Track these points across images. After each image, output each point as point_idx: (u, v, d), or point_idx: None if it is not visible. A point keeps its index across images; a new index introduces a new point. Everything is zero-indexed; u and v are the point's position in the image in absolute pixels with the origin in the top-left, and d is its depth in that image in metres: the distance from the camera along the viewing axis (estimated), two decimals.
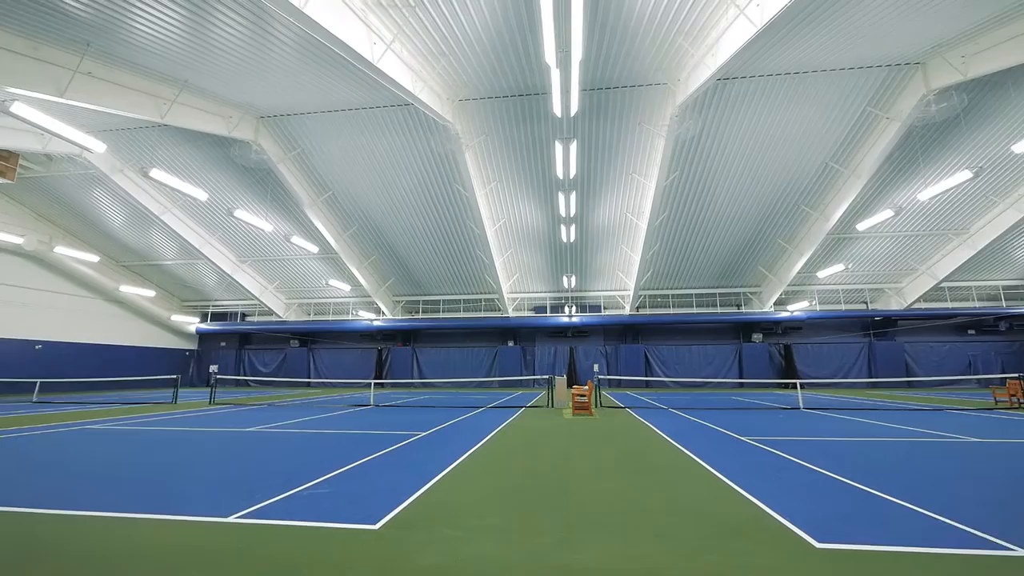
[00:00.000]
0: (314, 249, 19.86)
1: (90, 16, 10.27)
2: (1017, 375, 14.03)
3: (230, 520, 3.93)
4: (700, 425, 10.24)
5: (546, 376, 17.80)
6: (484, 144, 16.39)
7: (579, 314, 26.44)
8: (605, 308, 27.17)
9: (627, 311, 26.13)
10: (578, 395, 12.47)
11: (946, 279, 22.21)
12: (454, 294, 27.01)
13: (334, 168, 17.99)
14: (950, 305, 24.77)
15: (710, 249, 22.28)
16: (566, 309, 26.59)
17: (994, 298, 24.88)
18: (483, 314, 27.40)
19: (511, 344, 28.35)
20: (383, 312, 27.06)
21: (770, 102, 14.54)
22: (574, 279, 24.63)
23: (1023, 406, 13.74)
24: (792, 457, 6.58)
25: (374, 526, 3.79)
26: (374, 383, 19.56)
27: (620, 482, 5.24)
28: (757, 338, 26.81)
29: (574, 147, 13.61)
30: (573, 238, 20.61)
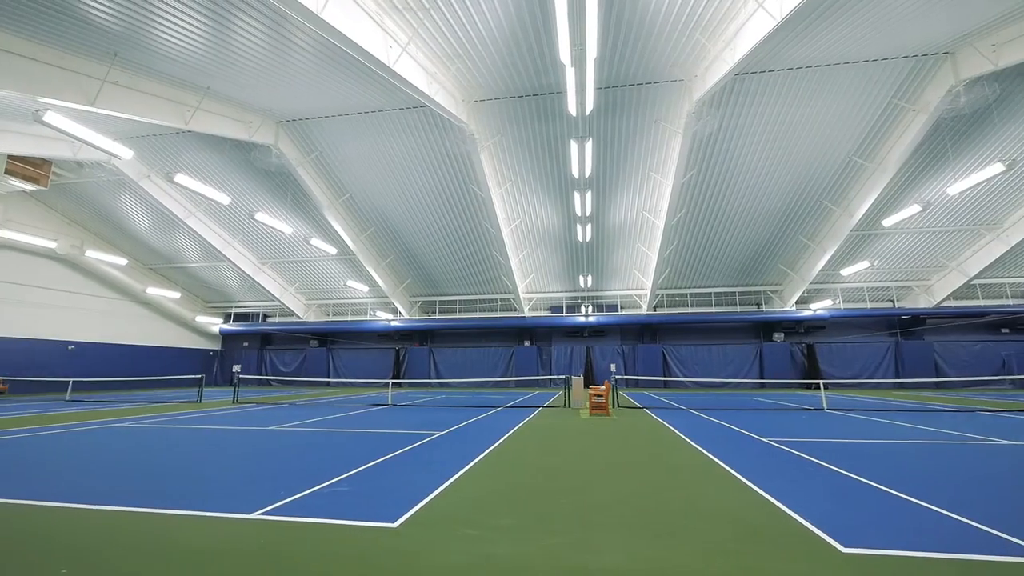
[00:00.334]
0: (332, 251, 20.17)
1: (118, 26, 10.60)
2: None
3: (253, 517, 4.02)
4: (720, 426, 10.08)
5: (563, 376, 17.74)
6: (499, 144, 16.42)
7: (595, 313, 26.28)
8: (622, 307, 26.95)
9: (644, 310, 25.86)
10: (595, 395, 12.40)
11: (978, 276, 21.40)
12: (470, 294, 27.12)
13: (352, 170, 18.24)
14: (982, 303, 23.86)
15: (729, 247, 21.92)
16: (582, 308, 26.46)
17: None
18: (499, 314, 27.45)
19: (527, 344, 28.33)
20: (400, 312, 27.31)
21: (791, 96, 14.24)
22: (590, 278, 24.49)
23: None
24: (815, 459, 6.43)
25: (393, 524, 3.83)
26: (392, 383, 19.77)
27: (638, 483, 5.19)
28: (778, 337, 26.27)
29: (589, 146, 13.54)
30: (589, 237, 20.51)
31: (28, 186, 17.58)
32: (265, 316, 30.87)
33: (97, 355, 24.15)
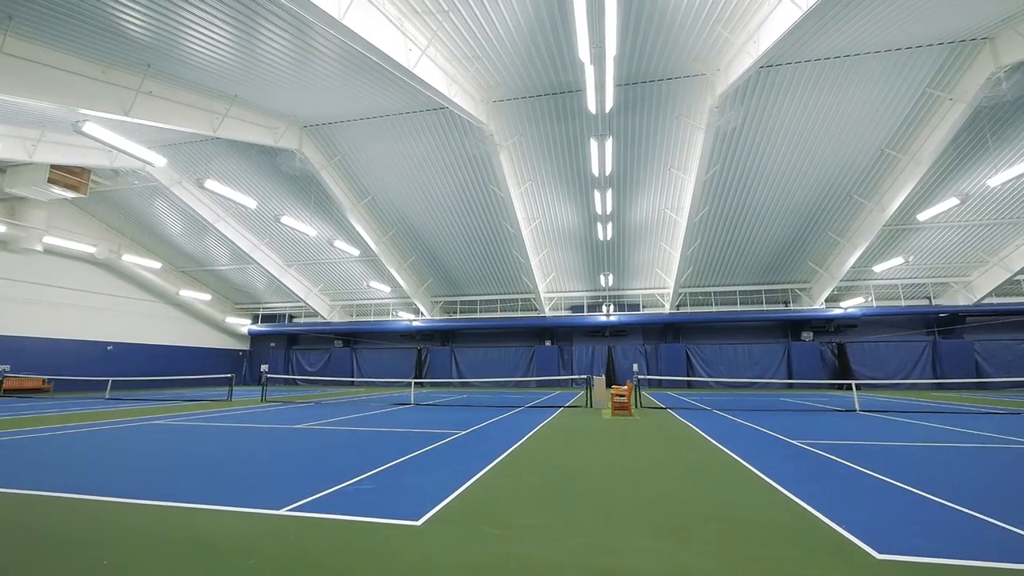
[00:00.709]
0: (355, 252, 20.52)
1: (150, 39, 11.01)
2: None
3: (282, 512, 4.12)
4: (746, 427, 9.86)
5: (584, 376, 17.64)
6: (518, 144, 16.42)
7: (617, 313, 26.03)
8: (644, 306, 26.63)
9: (667, 309, 25.49)
10: (617, 395, 12.29)
11: (1022, 271, 20.40)
12: (491, 294, 27.20)
13: (373, 173, 18.52)
14: None
15: (755, 244, 21.41)
16: (604, 308, 26.24)
17: None
18: (519, 314, 27.46)
19: (548, 344, 28.26)
20: (422, 312, 27.60)
21: (818, 88, 13.82)
22: (611, 277, 24.27)
23: None
24: (847, 462, 6.22)
25: (416, 522, 3.87)
26: (414, 382, 20.03)
27: (662, 484, 5.12)
28: (807, 336, 25.52)
29: (610, 144, 13.40)
30: (610, 236, 20.33)
31: (69, 194, 18.44)
32: (291, 317, 31.62)
33: (134, 355, 25.17)
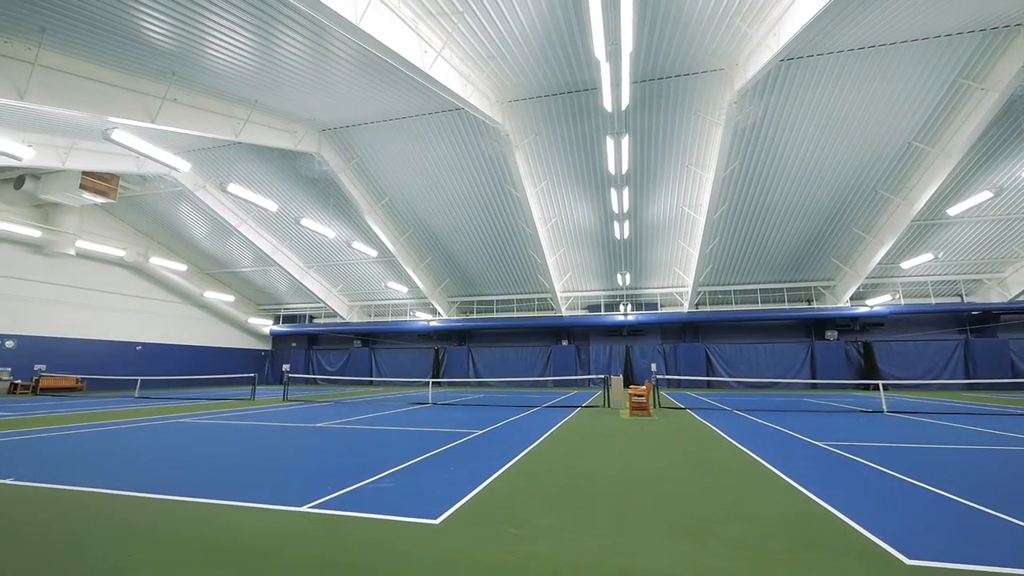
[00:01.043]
0: (373, 253, 20.77)
1: (174, 47, 11.32)
2: None
3: (304, 509, 4.20)
4: (768, 428, 9.67)
5: (601, 375, 17.52)
6: (534, 144, 16.40)
7: (634, 312, 25.80)
8: (662, 305, 26.33)
9: (686, 308, 25.14)
10: (635, 395, 12.17)
11: None
12: (507, 294, 27.23)
13: (390, 175, 18.72)
14: None
15: (776, 241, 20.98)
16: (621, 307, 26.03)
17: None
18: (536, 313, 27.42)
19: (565, 343, 28.16)
20: (439, 312, 27.78)
21: (841, 81, 13.46)
22: (629, 276, 24.06)
23: None
24: (875, 464, 6.05)
25: (435, 521, 3.90)
26: (432, 382, 20.18)
27: (681, 485, 5.06)
28: (831, 335, 24.89)
29: (626, 141, 13.30)
30: (627, 235, 20.15)
31: (99, 199, 19.10)
32: (311, 318, 32.17)
33: (161, 355, 25.93)
